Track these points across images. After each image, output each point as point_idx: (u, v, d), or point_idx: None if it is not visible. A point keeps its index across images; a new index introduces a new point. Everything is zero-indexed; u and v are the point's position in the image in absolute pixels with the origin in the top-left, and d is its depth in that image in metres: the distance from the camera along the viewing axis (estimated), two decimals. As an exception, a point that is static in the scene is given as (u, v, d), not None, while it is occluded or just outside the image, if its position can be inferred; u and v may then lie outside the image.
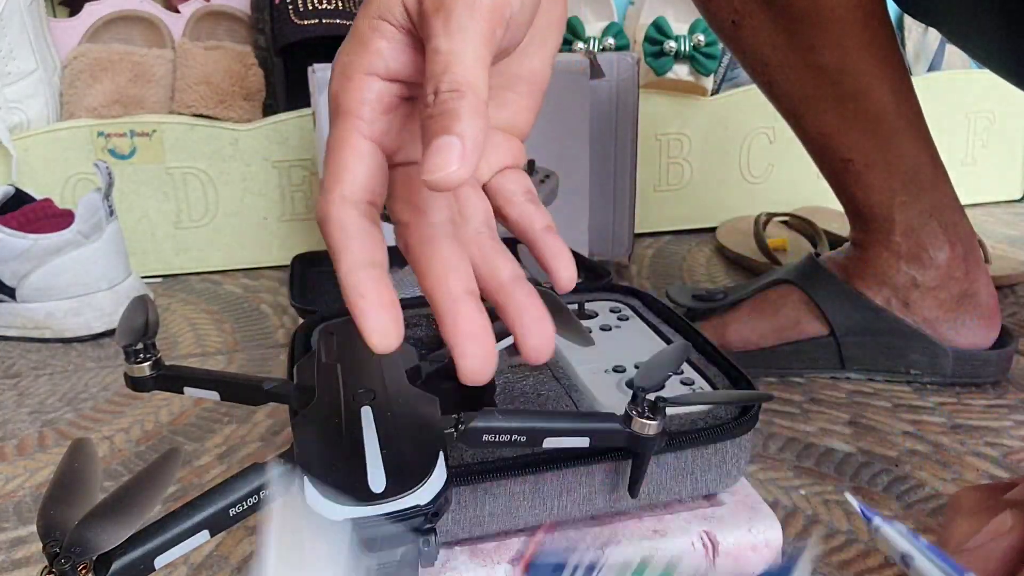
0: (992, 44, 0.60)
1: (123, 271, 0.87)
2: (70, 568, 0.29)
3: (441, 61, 0.29)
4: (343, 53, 0.32)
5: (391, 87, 0.32)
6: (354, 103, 0.31)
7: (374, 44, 0.31)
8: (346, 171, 0.31)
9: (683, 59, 1.12)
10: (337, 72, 0.32)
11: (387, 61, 0.31)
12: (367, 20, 0.32)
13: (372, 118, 0.31)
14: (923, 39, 1.26)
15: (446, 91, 0.28)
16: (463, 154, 0.27)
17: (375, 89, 0.31)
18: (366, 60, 0.31)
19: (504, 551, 0.44)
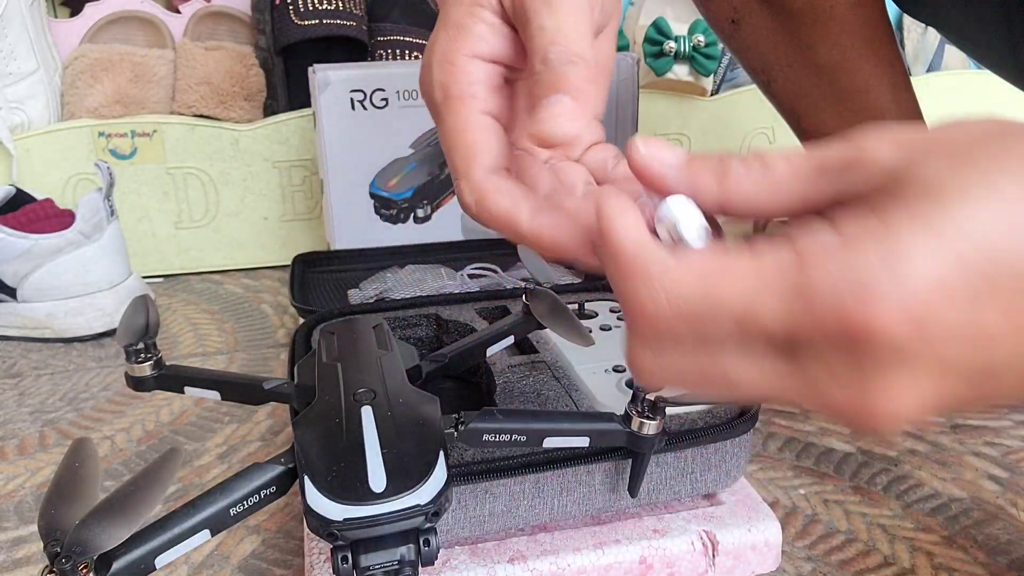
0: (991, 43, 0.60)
1: (124, 271, 0.87)
2: (71, 567, 0.29)
3: (548, 36, 0.29)
4: (439, 41, 0.32)
5: (495, 68, 0.32)
6: (464, 84, 0.31)
7: (474, 29, 0.31)
8: (478, 147, 0.30)
9: (683, 59, 1.12)
10: (438, 60, 0.31)
11: (489, 44, 0.31)
12: (462, 7, 0.32)
13: (484, 97, 0.31)
14: (922, 39, 1.26)
15: (555, 59, 0.29)
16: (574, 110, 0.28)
17: (481, 70, 0.31)
18: (468, 44, 0.31)
19: (504, 550, 0.44)
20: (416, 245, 0.93)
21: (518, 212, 0.29)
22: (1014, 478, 0.56)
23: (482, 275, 0.85)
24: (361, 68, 0.91)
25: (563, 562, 0.43)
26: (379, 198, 0.94)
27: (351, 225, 0.93)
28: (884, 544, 0.50)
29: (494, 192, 0.29)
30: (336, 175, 0.91)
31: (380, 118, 0.91)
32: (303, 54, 1.05)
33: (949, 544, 0.49)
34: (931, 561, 0.48)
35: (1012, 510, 0.52)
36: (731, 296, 0.21)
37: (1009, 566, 0.47)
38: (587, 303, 0.64)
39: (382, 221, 0.94)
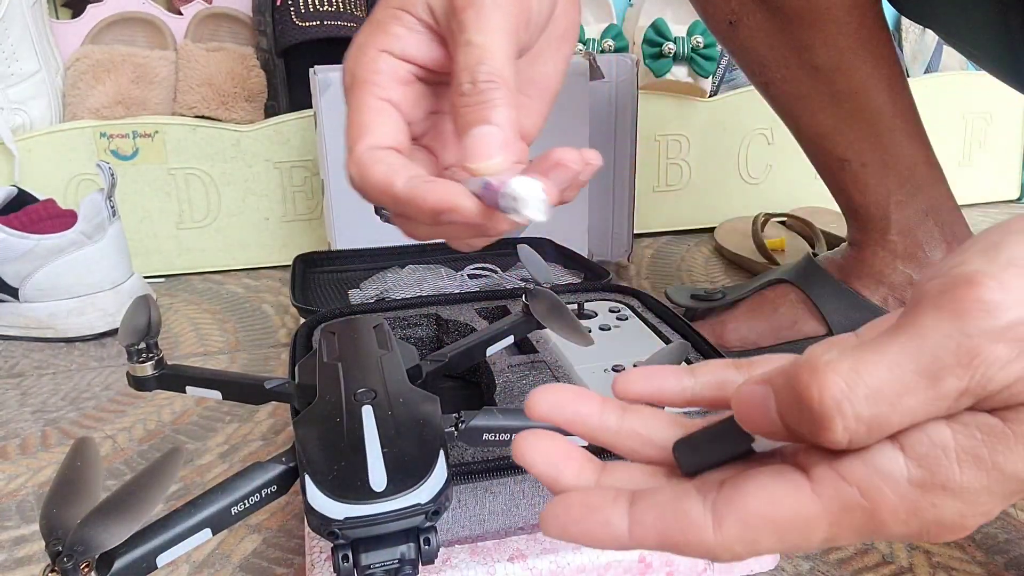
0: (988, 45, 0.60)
1: (125, 271, 0.87)
2: (72, 566, 0.29)
3: (475, 53, 0.31)
4: (359, 35, 0.34)
5: (404, 64, 0.33)
6: (368, 72, 0.33)
7: (391, 28, 0.33)
8: (368, 127, 0.32)
9: (682, 60, 1.12)
10: (352, 51, 0.33)
11: (403, 44, 0.33)
12: (386, 9, 0.33)
13: (386, 85, 0.33)
14: (920, 40, 1.26)
15: (483, 81, 0.30)
16: (504, 143, 0.30)
17: (389, 63, 0.33)
18: (381, 40, 0.33)
19: (504, 549, 0.44)
20: (416, 245, 0.93)
21: (394, 177, 0.30)
22: (1012, 477, 0.56)
23: (482, 275, 0.85)
24: (361, 69, 0.91)
25: (563, 561, 0.44)
26: (379, 199, 0.94)
27: (352, 225, 0.93)
28: (882, 543, 0.50)
29: (372, 163, 0.31)
30: (337, 176, 0.92)
31: (380, 119, 0.91)
32: (304, 55, 1.05)
33: (947, 543, 0.50)
34: (929, 560, 0.48)
35: (1010, 509, 0.53)
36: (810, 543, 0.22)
37: (1007, 565, 0.48)
38: (587, 303, 0.64)
39: (382, 221, 0.94)
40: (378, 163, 0.31)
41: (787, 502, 0.22)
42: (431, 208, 0.29)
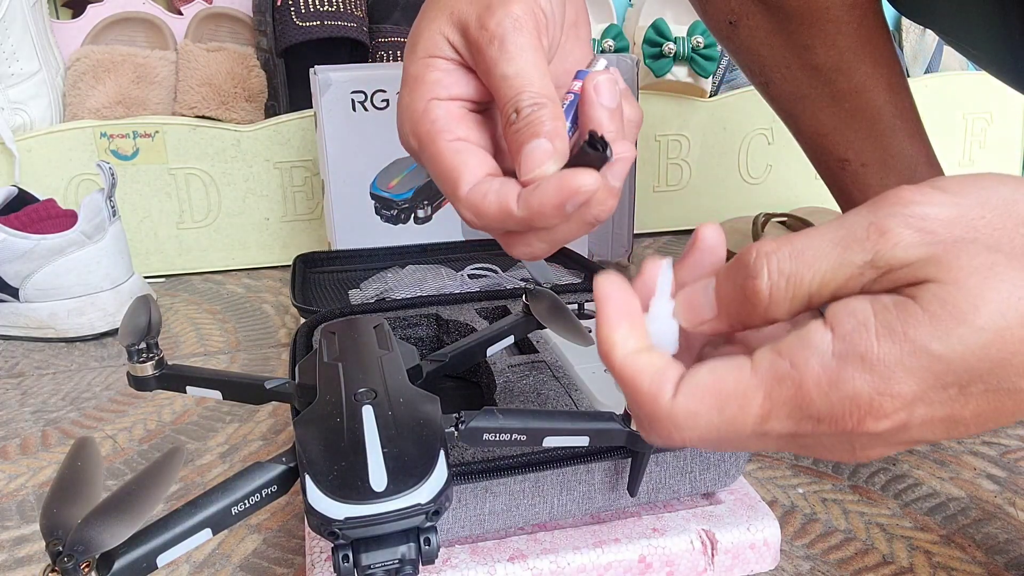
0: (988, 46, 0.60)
1: (126, 271, 0.87)
2: (73, 566, 0.29)
3: (513, 85, 0.32)
4: (402, 98, 0.35)
5: (454, 103, 0.35)
6: (428, 124, 0.34)
7: (429, 77, 0.35)
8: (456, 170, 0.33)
9: (682, 61, 1.12)
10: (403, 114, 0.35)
11: (445, 87, 0.35)
12: (416, 62, 0.35)
13: (450, 127, 0.34)
14: (921, 41, 1.26)
15: (527, 106, 0.32)
16: (552, 151, 0.31)
17: (441, 108, 0.34)
18: (424, 91, 0.35)
19: (504, 549, 0.44)
20: (416, 245, 0.93)
21: (507, 202, 0.32)
22: (1012, 477, 0.56)
23: (482, 275, 0.85)
24: (362, 69, 0.91)
25: (563, 561, 0.44)
26: (380, 198, 0.94)
27: (352, 225, 0.93)
28: (882, 543, 0.50)
29: (482, 199, 0.32)
30: (337, 176, 0.92)
31: (381, 119, 0.91)
32: (304, 55, 1.05)
33: (947, 543, 0.50)
34: (929, 560, 0.48)
35: (1010, 509, 0.53)
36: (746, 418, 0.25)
37: (1007, 565, 0.48)
38: (587, 303, 0.64)
39: (383, 221, 0.94)
40: (485, 197, 0.32)
41: (728, 375, 0.25)
42: (556, 205, 0.31)
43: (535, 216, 0.31)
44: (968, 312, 0.23)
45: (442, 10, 0.35)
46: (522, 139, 0.32)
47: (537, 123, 0.32)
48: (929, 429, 0.24)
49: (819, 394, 0.24)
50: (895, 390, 0.23)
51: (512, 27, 0.33)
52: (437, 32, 0.35)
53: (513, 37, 0.33)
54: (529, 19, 0.33)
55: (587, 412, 0.48)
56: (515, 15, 0.33)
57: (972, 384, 0.24)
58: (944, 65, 1.26)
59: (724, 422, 0.25)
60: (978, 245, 0.23)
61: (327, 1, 1.04)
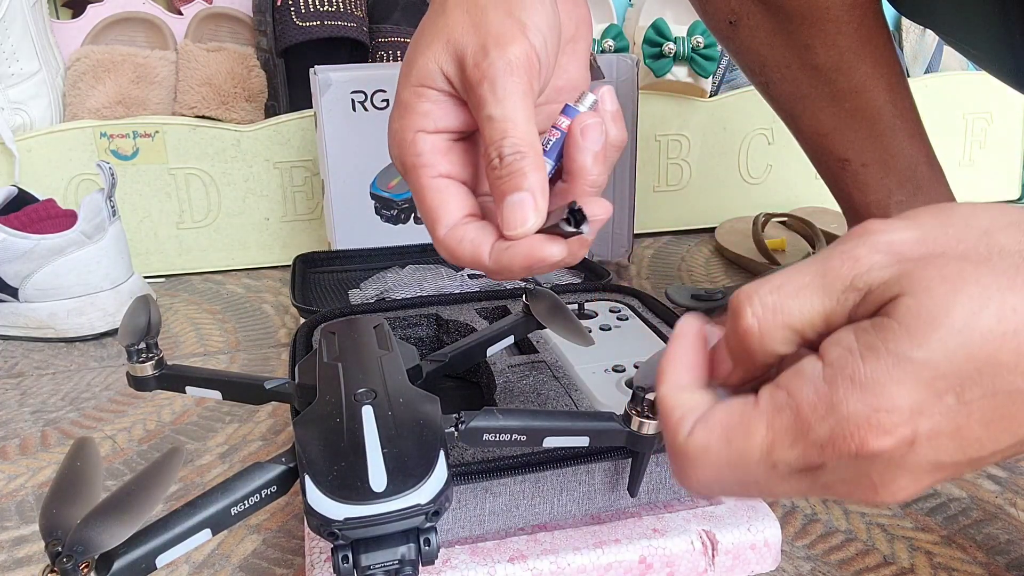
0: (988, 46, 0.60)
1: (126, 271, 0.87)
2: (72, 567, 0.29)
3: (498, 128, 0.34)
4: (392, 120, 0.37)
5: (440, 136, 0.36)
6: (413, 156, 0.36)
7: (419, 107, 0.36)
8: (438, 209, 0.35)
9: (682, 61, 1.12)
10: (392, 137, 0.36)
11: (433, 120, 0.36)
12: (408, 89, 0.36)
13: (434, 163, 0.36)
14: (921, 41, 1.26)
15: (509, 154, 0.33)
16: (535, 205, 0.33)
17: (427, 141, 0.36)
18: (413, 121, 0.36)
19: (504, 550, 0.44)
20: (416, 245, 0.93)
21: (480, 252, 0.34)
22: (1013, 478, 0.56)
23: (482, 275, 0.85)
24: (362, 69, 0.91)
25: (563, 561, 0.44)
26: (380, 198, 0.94)
27: (352, 225, 0.93)
28: (883, 543, 0.50)
29: (457, 244, 0.35)
30: (337, 176, 0.92)
31: (381, 119, 0.91)
32: (304, 55, 1.05)
33: (948, 543, 0.50)
34: (930, 560, 0.48)
35: (1011, 510, 0.53)
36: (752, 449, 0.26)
37: (1008, 566, 0.48)
38: (587, 303, 0.64)
39: (383, 221, 0.95)
40: (460, 242, 0.34)
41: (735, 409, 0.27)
42: (523, 267, 0.34)
43: (503, 270, 0.34)
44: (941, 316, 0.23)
45: (438, 36, 0.36)
46: (504, 188, 0.33)
47: (519, 174, 0.33)
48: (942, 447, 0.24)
49: (816, 419, 0.25)
50: (889, 404, 0.24)
51: (504, 69, 0.34)
52: (432, 60, 0.35)
53: (503, 80, 0.34)
54: (523, 63, 0.34)
55: (587, 412, 0.48)
56: (509, 58, 0.34)
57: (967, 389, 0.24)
58: (944, 65, 1.26)
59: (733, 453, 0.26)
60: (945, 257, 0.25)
61: (327, 1, 1.04)
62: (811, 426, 0.25)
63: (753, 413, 0.26)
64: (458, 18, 0.35)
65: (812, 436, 0.25)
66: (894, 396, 0.24)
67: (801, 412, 0.25)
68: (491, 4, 0.35)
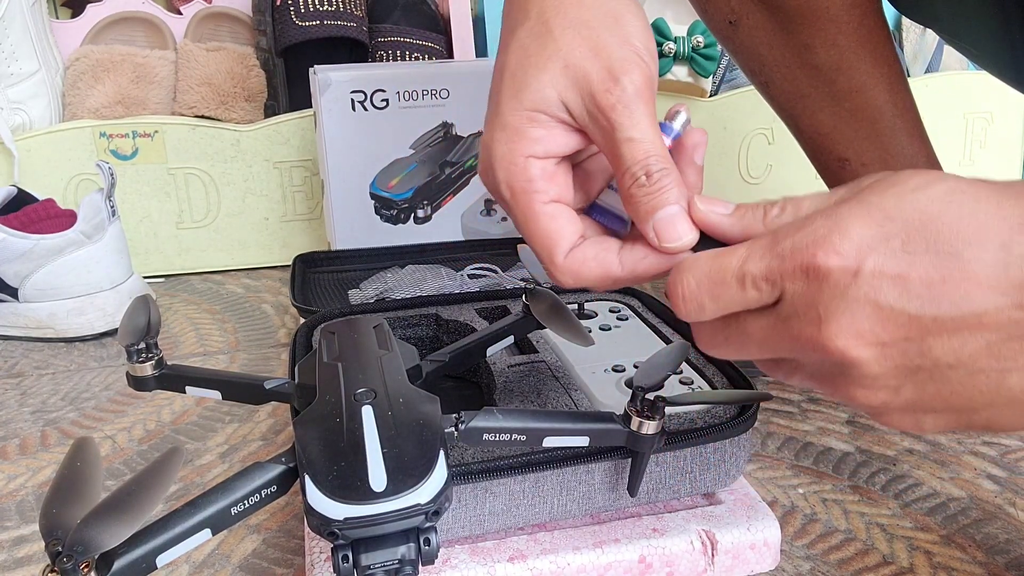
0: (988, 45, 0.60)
1: (125, 271, 0.87)
2: (72, 566, 0.29)
3: (640, 148, 0.35)
4: (498, 143, 0.37)
5: (550, 161, 0.37)
6: (524, 182, 0.36)
7: (531, 133, 0.36)
8: (552, 236, 0.36)
9: (682, 60, 1.12)
10: (499, 161, 0.36)
11: (545, 146, 0.36)
12: (520, 113, 0.36)
13: (546, 188, 0.36)
14: (921, 40, 1.26)
15: (656, 171, 0.35)
16: (686, 220, 0.35)
17: (538, 166, 0.36)
18: (525, 146, 0.36)
19: (504, 549, 0.44)
20: (416, 245, 0.93)
21: (610, 269, 0.35)
22: (1012, 477, 0.56)
23: (482, 275, 0.85)
24: (362, 69, 0.91)
25: (563, 561, 0.44)
26: (379, 198, 0.94)
27: (351, 225, 0.93)
28: (883, 543, 0.50)
29: (582, 265, 0.35)
30: (337, 175, 0.92)
31: (381, 119, 0.91)
32: (304, 55, 1.05)
33: (947, 543, 0.50)
34: (930, 560, 0.48)
35: (1010, 509, 0.53)
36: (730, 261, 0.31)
37: (1007, 565, 0.48)
38: (587, 303, 0.64)
39: (382, 221, 0.95)
40: (585, 263, 0.35)
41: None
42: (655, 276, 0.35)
43: (636, 278, 0.35)
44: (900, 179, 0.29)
45: (551, 58, 0.36)
46: (655, 203, 0.35)
47: (667, 189, 0.35)
48: (883, 288, 0.28)
49: (783, 236, 0.30)
50: (843, 230, 0.29)
51: (635, 93, 0.35)
52: (550, 86, 0.36)
53: (636, 105, 0.35)
54: (647, 85, 0.36)
55: (587, 412, 0.48)
56: (637, 83, 0.35)
57: (911, 240, 0.28)
58: (944, 65, 1.26)
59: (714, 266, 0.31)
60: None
61: (327, 1, 1.04)
62: (779, 240, 0.30)
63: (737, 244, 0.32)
64: (572, 41, 0.36)
65: (777, 248, 0.30)
66: (849, 226, 0.29)
67: (777, 233, 0.30)
68: (604, 27, 0.36)
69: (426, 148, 0.94)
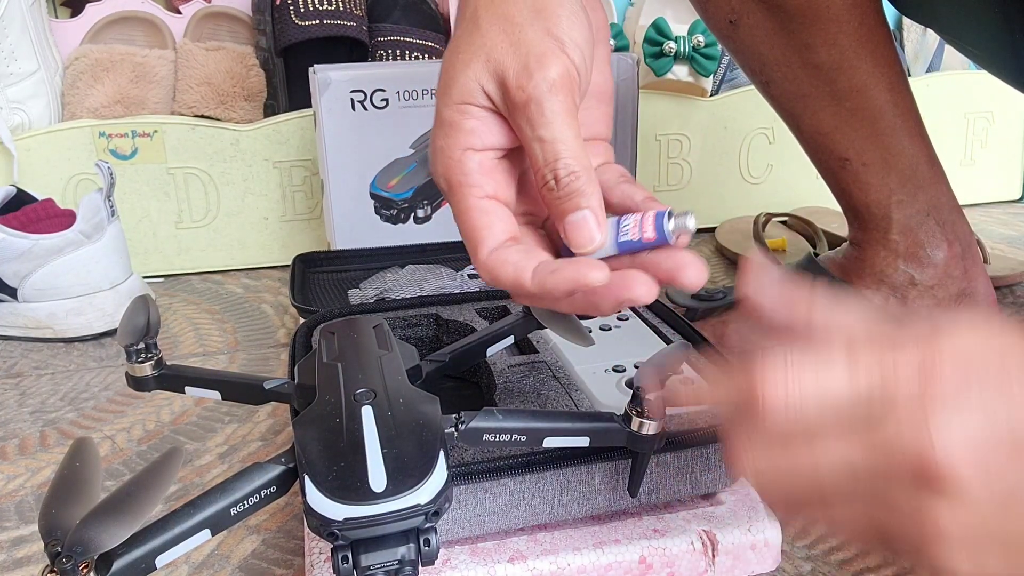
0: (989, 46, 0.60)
1: (124, 271, 0.87)
2: (72, 567, 0.29)
3: (550, 149, 0.34)
4: (436, 137, 0.37)
5: (487, 154, 0.36)
6: (460, 175, 0.36)
7: (465, 125, 0.36)
8: (481, 231, 0.35)
9: (683, 60, 1.12)
10: (436, 156, 0.37)
11: (480, 137, 0.36)
12: (451, 107, 0.36)
13: (481, 183, 0.36)
14: (922, 40, 1.26)
15: (565, 175, 0.34)
16: (598, 223, 0.34)
17: (475, 159, 0.36)
18: (461, 139, 0.36)
19: (504, 550, 0.44)
20: (416, 245, 0.93)
21: (522, 276, 0.34)
22: (1013, 478, 0.56)
23: (482, 275, 0.84)
24: (361, 68, 0.91)
25: (563, 561, 0.43)
26: (379, 198, 0.94)
27: (351, 225, 0.93)
28: (883, 544, 0.50)
29: (499, 266, 0.34)
30: (336, 175, 0.92)
31: (380, 118, 0.91)
32: (303, 54, 1.05)
33: (948, 544, 0.49)
34: (930, 561, 0.48)
35: (1011, 510, 0.52)
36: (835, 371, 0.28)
37: (1008, 566, 0.47)
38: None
39: (382, 221, 0.94)
40: (503, 265, 0.34)
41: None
42: (564, 292, 0.33)
43: (545, 295, 0.34)
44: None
45: (476, 54, 0.36)
46: (565, 208, 0.34)
47: (577, 194, 0.34)
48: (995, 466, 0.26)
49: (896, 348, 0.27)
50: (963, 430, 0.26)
51: (548, 90, 0.34)
52: (473, 79, 0.36)
53: (549, 101, 0.34)
54: (565, 82, 0.34)
55: (587, 412, 0.48)
56: (552, 78, 0.34)
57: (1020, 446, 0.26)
58: (945, 64, 1.26)
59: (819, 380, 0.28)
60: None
61: (326, 0, 1.04)
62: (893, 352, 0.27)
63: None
64: (495, 36, 0.36)
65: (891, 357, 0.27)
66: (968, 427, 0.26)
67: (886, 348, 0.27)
68: (527, 21, 0.35)
69: (426, 148, 0.93)
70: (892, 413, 0.27)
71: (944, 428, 0.26)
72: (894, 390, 0.27)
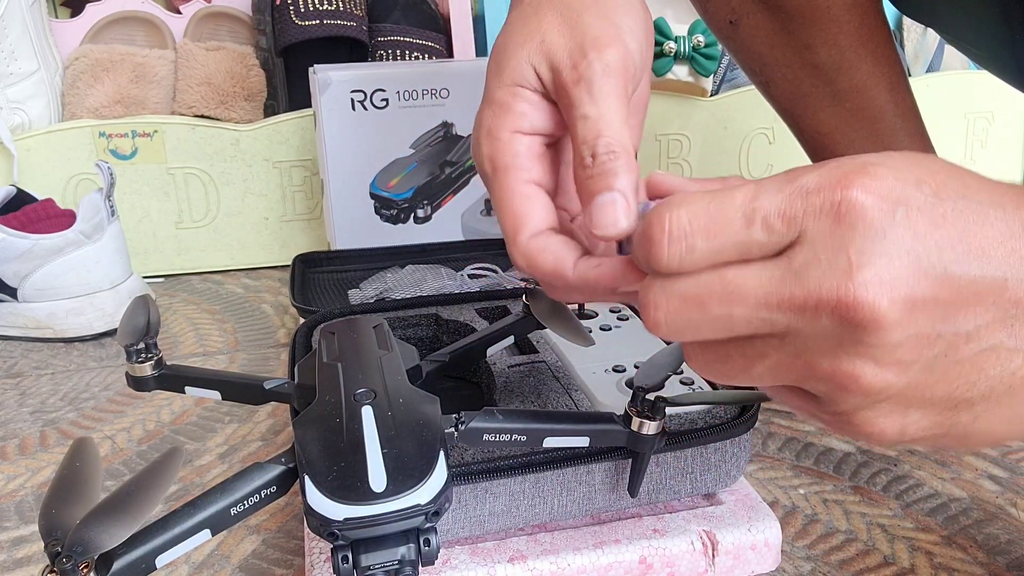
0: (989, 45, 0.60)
1: (124, 271, 0.87)
2: (72, 567, 0.29)
3: (592, 127, 0.33)
4: (485, 117, 0.36)
5: (536, 139, 0.36)
6: (508, 157, 0.35)
7: (517, 107, 0.35)
8: (523, 215, 0.34)
9: (683, 60, 1.12)
10: (485, 135, 0.35)
11: (530, 120, 0.35)
12: (503, 88, 0.35)
13: (528, 167, 0.35)
14: (922, 40, 1.26)
15: (603, 153, 0.32)
16: (626, 208, 0.31)
17: (523, 143, 0.35)
18: (511, 121, 0.35)
19: (504, 550, 0.44)
20: (416, 245, 0.93)
21: (563, 266, 0.32)
22: (1013, 478, 0.56)
23: (482, 275, 0.85)
24: (361, 68, 0.91)
25: (563, 562, 0.43)
26: (379, 198, 0.94)
27: (351, 225, 0.93)
28: (884, 544, 0.50)
29: (539, 253, 0.33)
30: (336, 175, 0.92)
31: (380, 118, 0.91)
32: (304, 54, 1.05)
33: (948, 544, 0.50)
34: (931, 561, 0.48)
35: (1012, 510, 0.53)
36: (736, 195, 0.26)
37: (1008, 566, 0.47)
38: (587, 303, 0.64)
39: (382, 221, 0.94)
40: (543, 252, 0.33)
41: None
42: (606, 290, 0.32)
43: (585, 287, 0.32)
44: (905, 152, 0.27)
45: (531, 36, 0.35)
46: (594, 188, 0.32)
47: (610, 174, 0.32)
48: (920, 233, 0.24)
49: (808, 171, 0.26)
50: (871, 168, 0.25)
51: (602, 71, 0.33)
52: (525, 61, 0.35)
53: (600, 82, 0.33)
54: (620, 67, 0.34)
55: (587, 412, 0.48)
56: (606, 61, 0.33)
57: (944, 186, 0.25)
58: (945, 64, 1.26)
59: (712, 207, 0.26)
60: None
61: (326, 0, 1.04)
62: (798, 176, 0.26)
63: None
64: (552, 20, 0.35)
65: (798, 183, 0.25)
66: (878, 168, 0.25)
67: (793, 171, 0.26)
68: (586, 7, 0.35)
69: (426, 148, 0.94)
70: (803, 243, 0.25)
71: (865, 263, 0.24)
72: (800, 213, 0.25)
